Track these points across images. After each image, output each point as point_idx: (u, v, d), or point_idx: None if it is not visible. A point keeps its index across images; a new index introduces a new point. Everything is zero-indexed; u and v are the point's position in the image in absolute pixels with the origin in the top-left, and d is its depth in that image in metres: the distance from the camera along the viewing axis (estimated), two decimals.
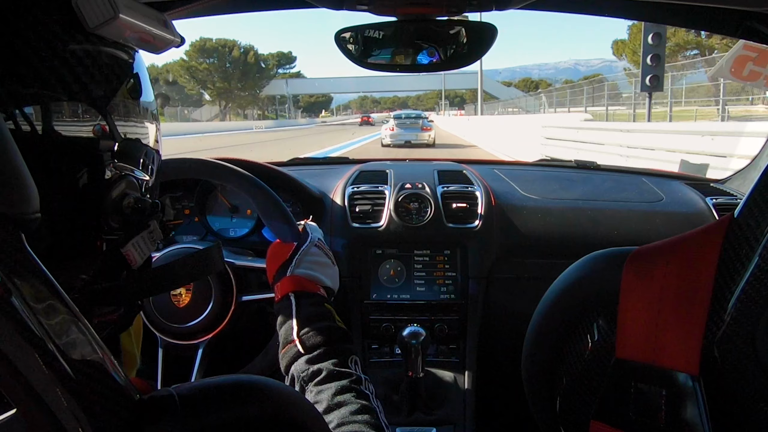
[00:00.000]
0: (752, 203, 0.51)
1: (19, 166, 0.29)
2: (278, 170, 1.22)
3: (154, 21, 0.43)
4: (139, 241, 0.45)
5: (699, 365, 0.51)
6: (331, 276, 0.76)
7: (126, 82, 0.43)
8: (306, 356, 0.62)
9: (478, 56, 0.75)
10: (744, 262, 0.50)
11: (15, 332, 0.25)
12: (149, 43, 0.44)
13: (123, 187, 0.42)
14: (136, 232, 0.44)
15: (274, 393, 0.36)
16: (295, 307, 0.67)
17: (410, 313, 1.19)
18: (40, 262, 0.28)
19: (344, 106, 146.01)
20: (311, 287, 0.71)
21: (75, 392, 0.26)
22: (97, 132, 0.39)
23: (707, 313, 0.51)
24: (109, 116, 0.40)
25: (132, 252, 0.44)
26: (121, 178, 0.42)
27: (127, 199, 0.42)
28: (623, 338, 0.56)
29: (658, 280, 0.54)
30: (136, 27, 0.40)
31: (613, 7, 0.80)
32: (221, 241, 1.19)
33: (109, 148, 0.40)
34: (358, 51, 0.77)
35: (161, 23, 0.44)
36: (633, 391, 0.55)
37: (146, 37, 0.42)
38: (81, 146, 0.38)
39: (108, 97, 0.40)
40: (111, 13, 0.37)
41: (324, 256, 0.76)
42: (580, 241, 1.21)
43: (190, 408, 0.31)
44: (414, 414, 1.06)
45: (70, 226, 0.39)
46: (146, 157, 0.45)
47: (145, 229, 0.45)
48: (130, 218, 0.43)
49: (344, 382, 0.58)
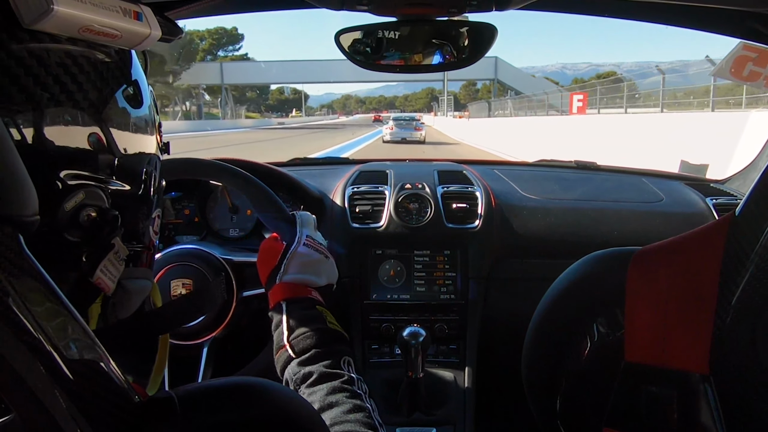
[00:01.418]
0: (752, 203, 0.51)
1: (17, 169, 0.28)
2: (278, 170, 1.22)
3: (115, 13, 0.39)
4: (106, 265, 0.41)
5: (709, 364, 0.51)
6: (325, 271, 0.76)
7: (100, 79, 0.40)
8: (297, 359, 0.62)
9: (478, 57, 0.75)
10: (744, 261, 0.50)
11: (13, 335, 0.25)
12: (116, 38, 0.40)
13: (80, 197, 0.38)
14: (101, 256, 0.41)
15: (273, 395, 0.36)
16: (286, 313, 0.68)
17: (410, 314, 1.19)
18: (38, 265, 0.28)
19: (326, 105, 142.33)
20: (301, 292, 0.71)
21: (74, 395, 0.26)
22: (94, 139, 0.38)
23: (714, 312, 0.50)
24: (105, 124, 0.39)
25: (102, 279, 0.41)
26: (77, 187, 0.38)
27: (85, 212, 0.39)
28: (632, 341, 0.55)
29: (662, 281, 0.54)
30: (85, 20, 0.37)
31: (613, 7, 0.80)
32: (221, 241, 1.20)
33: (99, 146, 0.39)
34: (357, 51, 0.77)
35: (128, 14, 0.40)
36: (644, 395, 0.54)
37: (107, 32, 0.39)
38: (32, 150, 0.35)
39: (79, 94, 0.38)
40: (44, 6, 0.34)
41: (314, 254, 0.76)
42: (580, 241, 1.20)
43: (189, 410, 0.31)
44: (414, 414, 1.06)
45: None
46: (149, 165, 0.45)
47: (110, 250, 0.41)
48: (91, 232, 0.39)
49: (336, 383, 0.58)
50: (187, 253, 1.00)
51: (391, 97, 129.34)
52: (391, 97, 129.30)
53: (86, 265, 0.40)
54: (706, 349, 0.51)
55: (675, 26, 0.81)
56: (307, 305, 0.69)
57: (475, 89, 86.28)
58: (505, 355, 0.96)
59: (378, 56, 0.77)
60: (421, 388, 1.04)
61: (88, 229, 0.39)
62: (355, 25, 0.76)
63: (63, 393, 0.26)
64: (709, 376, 0.50)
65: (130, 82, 0.44)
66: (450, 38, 0.75)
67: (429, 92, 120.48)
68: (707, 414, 0.50)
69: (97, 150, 0.40)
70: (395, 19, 0.74)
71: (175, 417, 0.31)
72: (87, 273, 0.40)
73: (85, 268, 0.40)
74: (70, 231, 0.38)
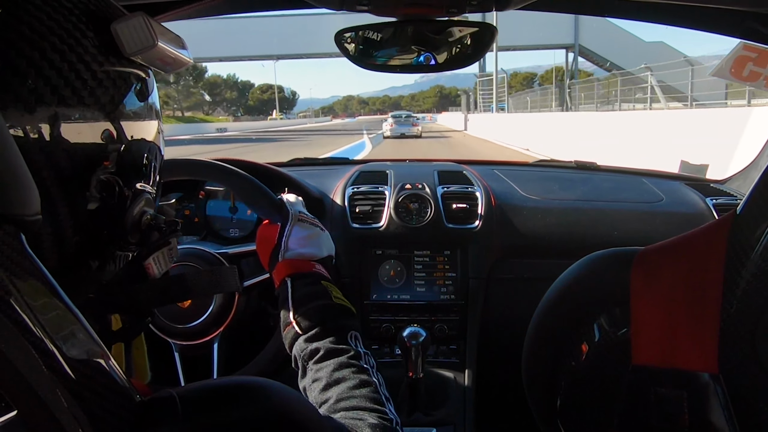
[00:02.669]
0: (752, 203, 0.51)
1: (18, 167, 0.29)
2: (278, 170, 1.22)
3: (176, 45, 0.44)
4: (159, 256, 0.46)
5: (718, 363, 0.50)
6: (323, 243, 0.76)
7: (136, 91, 0.43)
8: (304, 336, 0.62)
9: (478, 57, 0.75)
10: (745, 261, 0.50)
11: (15, 333, 0.25)
12: (168, 65, 0.44)
13: (142, 204, 0.43)
14: (157, 248, 0.46)
15: (274, 394, 0.36)
16: (291, 289, 0.68)
17: (410, 314, 1.19)
18: (40, 264, 0.28)
19: (327, 108, 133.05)
20: (305, 267, 0.71)
21: (75, 393, 0.26)
22: (105, 138, 0.39)
23: (720, 311, 0.50)
24: (117, 122, 0.40)
25: (152, 265, 0.46)
26: (140, 194, 0.43)
27: (146, 216, 0.44)
28: (638, 344, 0.55)
29: (666, 282, 0.54)
30: (167, 53, 0.41)
31: (613, 7, 0.80)
32: (221, 241, 1.20)
33: (116, 150, 0.40)
34: (358, 51, 0.77)
35: (180, 46, 0.45)
36: (653, 398, 0.53)
37: (168, 60, 0.43)
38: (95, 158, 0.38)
39: (116, 106, 0.40)
40: (150, 41, 0.38)
41: (311, 227, 0.76)
42: (580, 241, 1.21)
43: (190, 409, 0.31)
44: (414, 414, 1.06)
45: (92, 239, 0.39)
46: (152, 156, 0.45)
47: (166, 246, 0.47)
48: (147, 234, 0.44)
49: (342, 358, 0.58)
50: (187, 253, 1.00)
51: (396, 98, 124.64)
52: (396, 97, 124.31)
53: (142, 251, 0.45)
54: (714, 348, 0.50)
55: (675, 26, 0.81)
56: (312, 280, 0.69)
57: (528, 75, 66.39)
58: (505, 355, 0.96)
59: (378, 56, 0.77)
60: (421, 389, 1.05)
61: (145, 231, 0.44)
62: (355, 25, 0.76)
63: (65, 391, 0.26)
64: (719, 376, 0.50)
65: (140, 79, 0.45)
66: (450, 38, 0.75)
67: (438, 90, 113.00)
68: (719, 414, 0.50)
69: (138, 144, 0.43)
70: (395, 19, 0.74)
71: (176, 416, 0.31)
72: (141, 257, 0.45)
73: (141, 254, 0.45)
74: (133, 234, 0.43)
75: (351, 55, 0.78)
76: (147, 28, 0.38)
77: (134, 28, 0.38)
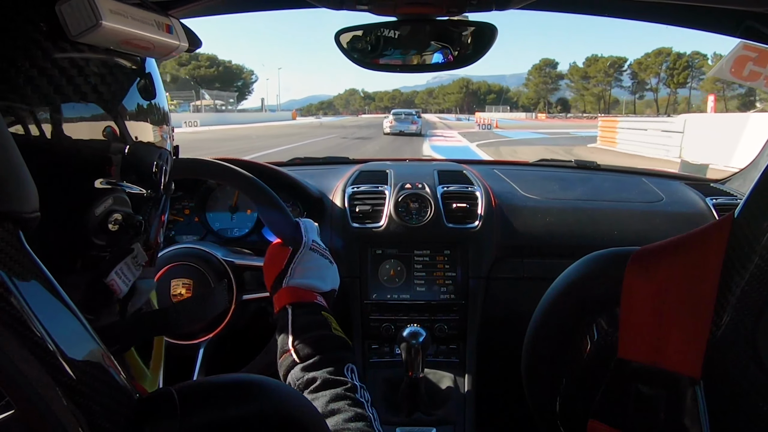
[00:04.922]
0: (752, 203, 0.51)
1: (17, 165, 0.28)
2: (278, 170, 1.22)
3: (150, 26, 0.41)
4: (123, 268, 0.41)
5: (702, 369, 0.50)
6: (330, 277, 0.76)
7: (130, 86, 0.42)
8: (301, 364, 0.62)
9: (478, 57, 0.75)
10: (744, 261, 0.50)
11: (14, 331, 0.25)
12: (149, 50, 0.42)
13: (109, 202, 0.39)
14: (119, 259, 0.41)
15: (273, 391, 0.36)
16: (291, 317, 0.67)
17: (410, 313, 1.19)
18: (39, 262, 0.28)
19: (327, 103, 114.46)
20: (307, 296, 0.71)
21: (75, 392, 0.26)
22: (108, 135, 0.38)
23: (711, 316, 0.50)
24: (120, 119, 0.39)
25: (116, 281, 0.41)
26: (107, 192, 0.39)
27: (113, 217, 0.39)
28: (625, 338, 0.55)
29: (661, 281, 0.54)
30: (127, 34, 0.38)
31: (613, 7, 0.80)
32: (221, 241, 1.20)
33: (120, 151, 0.40)
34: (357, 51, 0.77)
35: (161, 28, 0.42)
36: (633, 392, 0.54)
37: (143, 44, 0.40)
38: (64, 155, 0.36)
39: (108, 102, 0.39)
40: (93, 20, 0.35)
41: (320, 259, 0.76)
42: (579, 241, 1.21)
43: (189, 407, 0.31)
44: (414, 414, 1.06)
45: (54, 237, 0.37)
46: (159, 159, 0.44)
47: (129, 254, 0.42)
48: (117, 237, 0.40)
49: (339, 390, 0.58)
50: (187, 252, 1.00)
51: (410, 93, 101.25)
52: (410, 92, 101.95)
53: (104, 266, 0.40)
54: (701, 353, 0.50)
55: (675, 26, 0.81)
56: (313, 310, 0.69)
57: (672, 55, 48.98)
58: (505, 354, 0.96)
59: (378, 55, 0.77)
60: (421, 388, 1.05)
61: (114, 233, 0.40)
62: (355, 25, 0.76)
63: (64, 389, 0.26)
64: (700, 381, 0.50)
65: (144, 75, 0.44)
66: (450, 38, 0.75)
67: (463, 85, 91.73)
68: (694, 418, 0.50)
69: (115, 148, 0.40)
70: (395, 18, 0.74)
71: (175, 413, 0.31)
72: (102, 274, 0.40)
73: (102, 269, 0.40)
74: (98, 235, 0.39)
75: (350, 55, 0.78)
76: (89, 5, 0.35)
77: (76, 7, 0.35)
